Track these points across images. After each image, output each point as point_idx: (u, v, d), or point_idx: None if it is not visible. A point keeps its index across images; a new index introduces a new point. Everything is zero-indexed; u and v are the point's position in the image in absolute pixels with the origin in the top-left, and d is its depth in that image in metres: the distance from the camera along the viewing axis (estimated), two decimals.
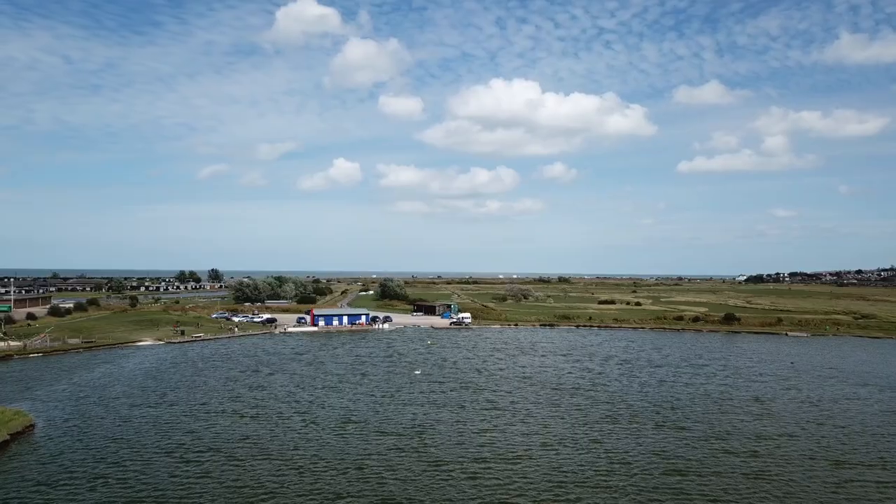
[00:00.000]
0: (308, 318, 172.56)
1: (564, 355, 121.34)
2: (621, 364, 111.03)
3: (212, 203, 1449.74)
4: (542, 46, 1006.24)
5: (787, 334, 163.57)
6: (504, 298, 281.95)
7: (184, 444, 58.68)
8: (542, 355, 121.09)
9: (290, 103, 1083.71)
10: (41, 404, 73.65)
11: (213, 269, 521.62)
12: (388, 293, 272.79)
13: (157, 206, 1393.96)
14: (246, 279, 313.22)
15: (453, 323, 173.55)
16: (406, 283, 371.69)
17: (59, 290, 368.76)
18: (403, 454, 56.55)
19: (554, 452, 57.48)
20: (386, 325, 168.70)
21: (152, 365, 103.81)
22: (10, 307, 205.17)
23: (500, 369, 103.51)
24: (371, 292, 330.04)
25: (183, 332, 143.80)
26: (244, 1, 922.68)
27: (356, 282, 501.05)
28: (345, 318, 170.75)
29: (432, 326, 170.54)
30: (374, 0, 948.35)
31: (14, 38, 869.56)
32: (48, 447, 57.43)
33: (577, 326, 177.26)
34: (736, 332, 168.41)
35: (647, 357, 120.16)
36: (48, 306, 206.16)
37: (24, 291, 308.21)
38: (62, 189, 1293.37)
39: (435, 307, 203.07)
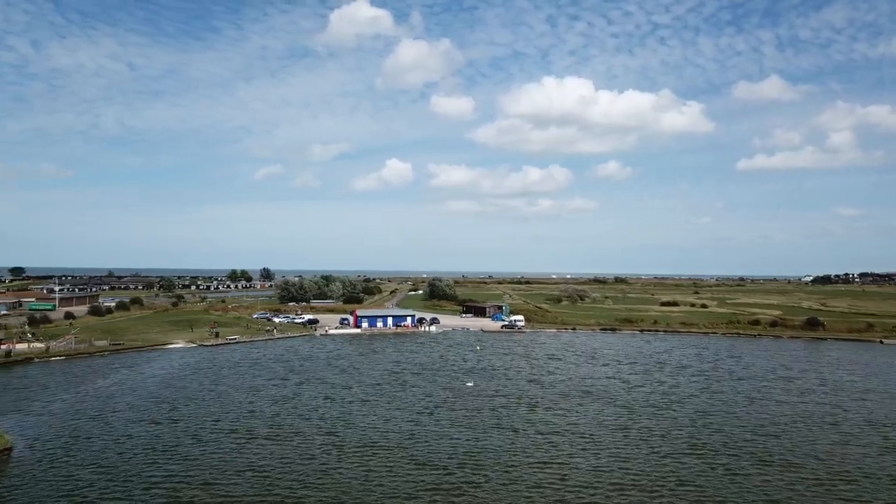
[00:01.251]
0: (351, 319, 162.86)
1: (630, 364, 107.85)
2: (698, 376, 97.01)
3: (267, 203, 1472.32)
4: (595, 44, 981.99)
5: (881, 342, 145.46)
6: (559, 300, 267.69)
7: (174, 475, 48.42)
8: (605, 364, 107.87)
9: (344, 105, 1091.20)
10: (33, 419, 64.88)
11: (264, 268, 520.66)
12: (437, 293, 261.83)
13: (215, 206, 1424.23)
14: (295, 278, 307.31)
15: (505, 326, 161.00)
16: (456, 282, 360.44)
17: (112, 288, 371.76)
18: (439, 497, 44.96)
19: (631, 500, 44.97)
20: (433, 328, 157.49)
21: (174, 371, 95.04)
22: (54, 305, 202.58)
23: (559, 381, 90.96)
24: (420, 292, 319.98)
25: (217, 334, 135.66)
26: (298, 5, 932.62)
27: (406, 281, 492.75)
28: (389, 320, 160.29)
29: (482, 329, 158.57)
30: (426, 1, 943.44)
31: (83, 45, 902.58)
32: (16, 478, 47.95)
33: (642, 331, 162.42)
34: (821, 339, 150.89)
35: (726, 368, 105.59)
36: (93, 305, 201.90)
37: (77, 290, 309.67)
38: (126, 191, 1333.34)
39: (485, 308, 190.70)
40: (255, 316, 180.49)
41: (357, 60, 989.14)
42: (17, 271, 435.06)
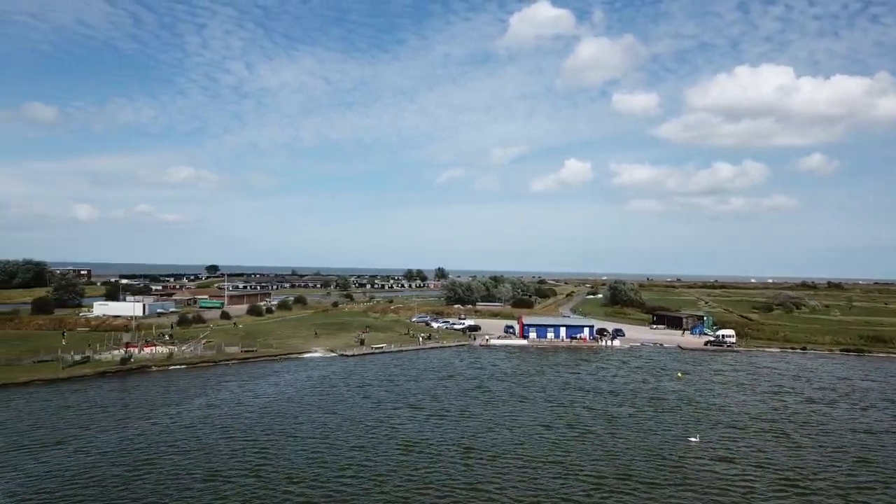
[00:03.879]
0: (516, 327, 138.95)
1: None
2: None
3: (448, 206, 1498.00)
4: (794, 28, 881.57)
5: None
6: (769, 308, 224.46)
7: None
8: (870, 406, 74.45)
9: (522, 107, 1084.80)
10: (54, 462, 48.09)
11: (439, 268, 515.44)
12: (619, 298, 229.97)
13: (400, 209, 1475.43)
14: (467, 278, 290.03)
15: (711, 342, 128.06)
16: (640, 286, 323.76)
17: (293, 286, 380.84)
18: None
19: None
20: (616, 342, 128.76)
21: (289, 390, 76.91)
22: (222, 303, 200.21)
23: (813, 436, 60.39)
24: (600, 296, 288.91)
25: (362, 342, 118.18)
26: (479, 11, 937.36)
27: (584, 284, 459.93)
28: (562, 331, 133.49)
29: (680, 346, 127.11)
30: None
31: (287, 65, 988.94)
32: None
33: None
34: None
35: None
36: (262, 304, 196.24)
37: (259, 287, 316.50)
38: (322, 196, 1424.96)
39: (681, 318, 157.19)
40: (413, 319, 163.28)
41: (536, 62, 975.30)
42: (212, 269, 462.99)
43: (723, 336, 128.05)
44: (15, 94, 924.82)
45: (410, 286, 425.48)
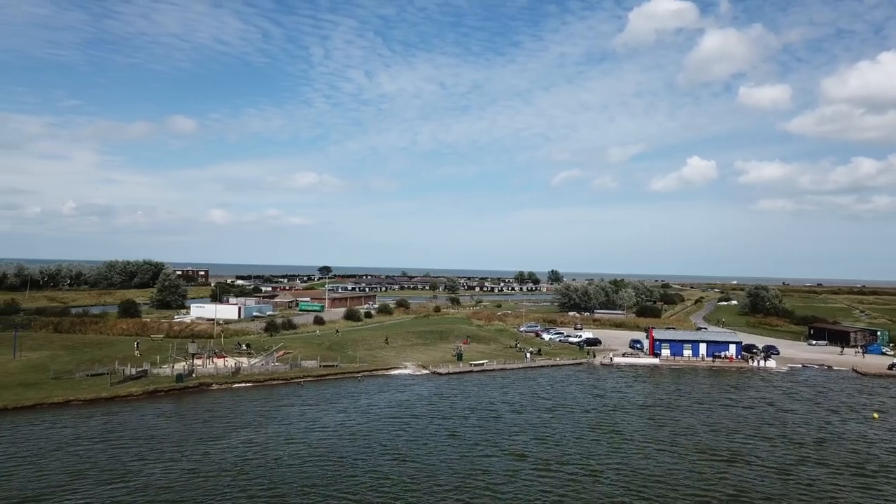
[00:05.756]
0: (646, 342, 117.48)
1: None
2: None
3: (564, 207, 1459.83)
4: None
5: None
6: None
7: None
8: None
9: (640, 105, 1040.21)
10: None
11: (552, 271, 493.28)
12: (761, 306, 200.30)
13: (515, 210, 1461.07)
14: (582, 282, 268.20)
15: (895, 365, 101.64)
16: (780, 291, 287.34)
17: (402, 287, 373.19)
18: None
19: None
20: (770, 362, 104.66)
21: (358, 422, 61.37)
22: (322, 306, 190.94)
23: None
24: (733, 302, 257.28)
25: (460, 356, 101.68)
26: (596, 9, 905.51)
27: (712, 288, 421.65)
28: (701, 347, 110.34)
29: (854, 369, 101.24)
30: None
31: (404, 72, 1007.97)
32: None
33: None
34: None
35: None
36: (362, 308, 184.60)
37: (368, 289, 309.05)
38: (438, 198, 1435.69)
39: (847, 333, 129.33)
40: (521, 329, 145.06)
41: (656, 58, 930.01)
42: (324, 270, 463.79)
43: None
44: (161, 109, 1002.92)
45: (521, 289, 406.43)
